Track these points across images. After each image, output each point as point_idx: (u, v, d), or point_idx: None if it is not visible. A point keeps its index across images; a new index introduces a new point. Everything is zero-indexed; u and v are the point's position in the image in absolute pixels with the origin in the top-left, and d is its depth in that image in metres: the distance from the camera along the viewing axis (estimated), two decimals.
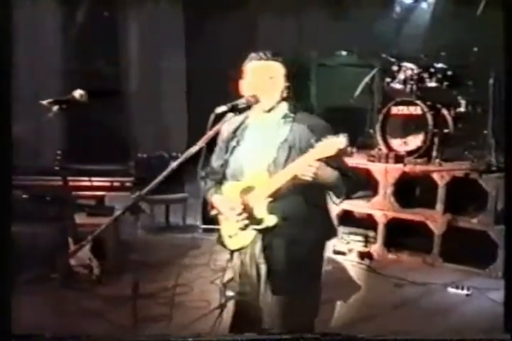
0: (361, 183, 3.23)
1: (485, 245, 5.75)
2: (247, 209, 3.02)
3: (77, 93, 3.86)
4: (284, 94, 3.09)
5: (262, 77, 3.04)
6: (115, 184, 6.55)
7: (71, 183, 5.73)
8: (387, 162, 6.50)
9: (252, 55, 3.09)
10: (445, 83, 6.81)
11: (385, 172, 6.42)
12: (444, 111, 6.74)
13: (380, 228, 6.37)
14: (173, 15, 10.14)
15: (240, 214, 3.02)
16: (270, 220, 2.99)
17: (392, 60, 7.13)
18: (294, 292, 3.02)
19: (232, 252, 3.18)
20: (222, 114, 2.96)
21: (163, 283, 4.98)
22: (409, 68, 6.89)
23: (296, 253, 3.02)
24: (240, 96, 3.07)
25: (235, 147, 3.14)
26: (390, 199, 6.37)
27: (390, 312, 4.89)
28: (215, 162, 3.24)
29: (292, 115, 3.08)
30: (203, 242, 6.05)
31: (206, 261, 5.74)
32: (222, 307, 3.68)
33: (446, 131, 6.65)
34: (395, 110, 6.83)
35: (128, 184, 6.55)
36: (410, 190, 6.66)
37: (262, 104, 3.04)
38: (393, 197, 6.36)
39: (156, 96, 10.26)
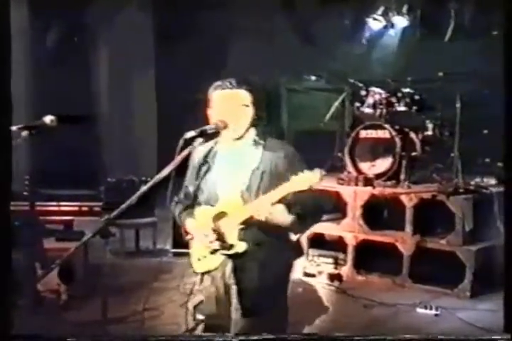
0: (320, 214, 3.24)
1: (453, 265, 5.81)
2: (218, 235, 3.03)
3: (48, 119, 3.81)
4: (253, 121, 3.12)
5: (230, 105, 3.05)
6: (84, 209, 6.52)
7: (39, 208, 5.70)
8: (356, 185, 6.56)
9: (217, 83, 3.09)
10: (414, 107, 6.91)
11: (354, 195, 6.47)
12: (412, 135, 6.83)
13: (350, 250, 6.40)
14: (144, 39, 10.20)
15: (211, 242, 3.03)
16: (240, 247, 3.00)
17: (360, 84, 7.23)
18: (263, 313, 3.02)
19: (202, 275, 3.18)
20: (192, 139, 2.99)
21: (133, 307, 4.93)
22: (377, 93, 6.98)
23: (266, 274, 3.03)
24: (209, 123, 3.09)
25: (206, 173, 3.15)
26: (359, 222, 6.41)
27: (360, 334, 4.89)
28: (189, 187, 3.24)
29: (262, 142, 3.10)
30: (173, 266, 6.03)
31: (176, 284, 5.72)
32: (192, 330, 3.67)
33: (414, 154, 6.74)
34: (364, 134, 6.91)
35: (97, 208, 6.52)
36: (379, 212, 6.71)
37: (231, 131, 3.06)
38: (362, 219, 6.40)
39: (126, 121, 10.26)
